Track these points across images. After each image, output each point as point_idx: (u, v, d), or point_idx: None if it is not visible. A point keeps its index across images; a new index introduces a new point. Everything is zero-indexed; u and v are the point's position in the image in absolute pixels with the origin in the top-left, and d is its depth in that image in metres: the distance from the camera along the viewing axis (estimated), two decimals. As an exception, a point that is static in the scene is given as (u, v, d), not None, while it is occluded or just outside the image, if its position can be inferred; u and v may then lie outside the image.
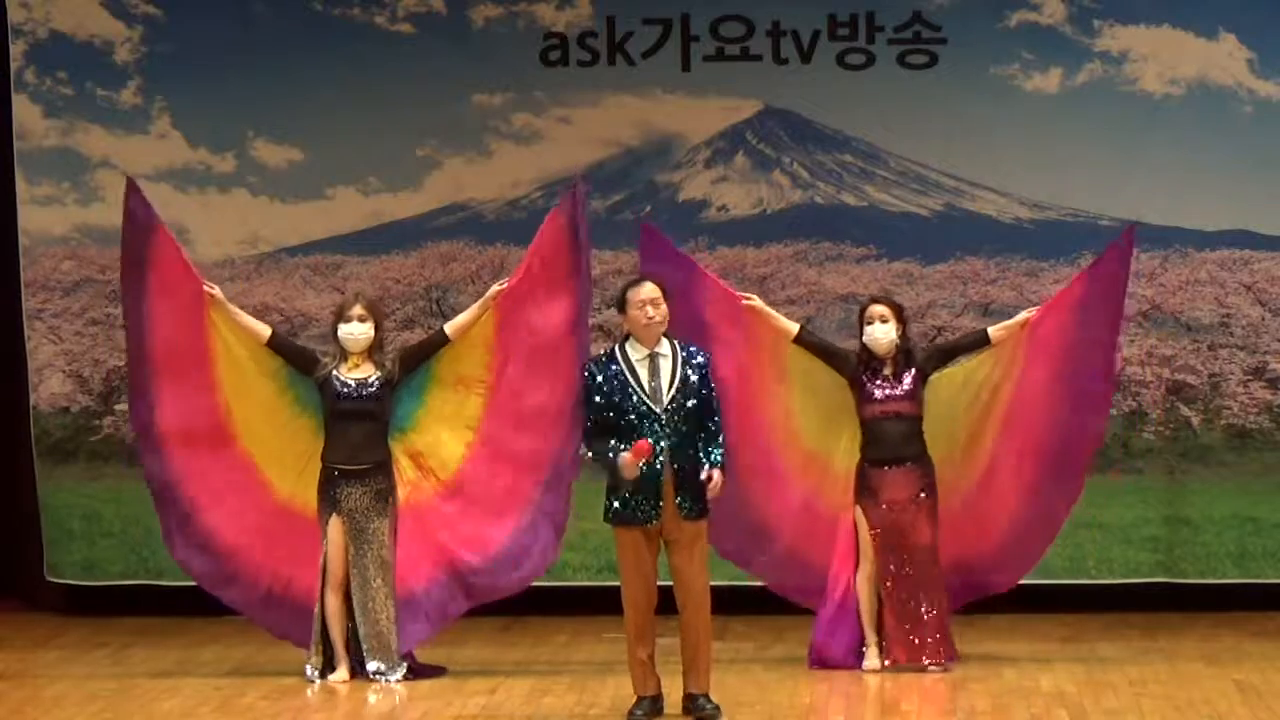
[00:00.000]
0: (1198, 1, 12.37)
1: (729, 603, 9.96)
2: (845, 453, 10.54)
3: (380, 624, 10.26)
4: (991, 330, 10.59)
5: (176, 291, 10.49)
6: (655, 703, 9.18)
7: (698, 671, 9.13)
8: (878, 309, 10.42)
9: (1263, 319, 12.41)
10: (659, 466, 8.97)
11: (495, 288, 10.51)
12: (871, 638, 10.35)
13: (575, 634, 11.53)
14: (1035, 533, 10.60)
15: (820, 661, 10.42)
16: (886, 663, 10.29)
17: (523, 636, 11.48)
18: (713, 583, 9.12)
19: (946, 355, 10.63)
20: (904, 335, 10.44)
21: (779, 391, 10.61)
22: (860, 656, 10.37)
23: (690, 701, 9.16)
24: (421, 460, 10.53)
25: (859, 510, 10.38)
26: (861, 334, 10.43)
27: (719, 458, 9.07)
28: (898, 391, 10.33)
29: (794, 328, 10.60)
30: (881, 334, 10.35)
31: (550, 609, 11.88)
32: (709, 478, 9.01)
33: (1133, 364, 12.36)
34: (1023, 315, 10.57)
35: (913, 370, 10.38)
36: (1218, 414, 12.40)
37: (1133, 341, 12.37)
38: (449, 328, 10.53)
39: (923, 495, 10.34)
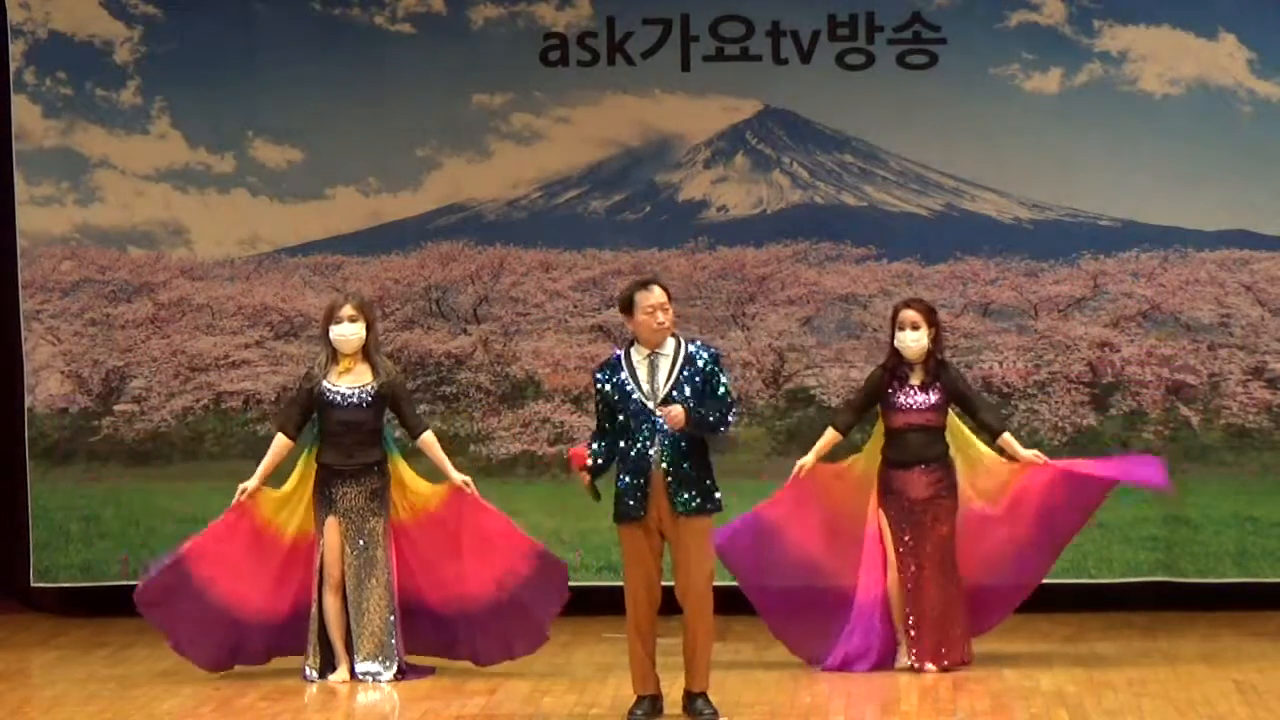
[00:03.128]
0: (1198, 2, 12.37)
1: (730, 603, 9.95)
2: (868, 456, 10.55)
3: (375, 624, 10.23)
4: (1004, 436, 10.43)
5: (239, 550, 10.34)
6: (655, 703, 9.18)
7: (697, 671, 9.12)
8: (909, 315, 10.35)
9: (1262, 319, 12.40)
10: (650, 462, 8.97)
11: (464, 483, 10.27)
12: (903, 637, 10.35)
13: (575, 634, 11.51)
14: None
15: (842, 664, 10.35)
16: (916, 665, 10.27)
17: (523, 637, 11.47)
18: (715, 583, 9.11)
19: (961, 399, 10.50)
20: (937, 340, 10.40)
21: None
22: (880, 658, 10.36)
23: (689, 702, 9.15)
24: None
25: (882, 514, 10.38)
26: (893, 337, 10.41)
27: (700, 412, 8.90)
28: (924, 403, 10.31)
29: (836, 434, 10.49)
30: (912, 341, 10.32)
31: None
32: (670, 411, 8.89)
33: (1132, 364, 12.37)
34: (1032, 454, 10.43)
35: (940, 385, 10.34)
36: (1217, 414, 12.40)
37: (1132, 341, 12.38)
38: (423, 438, 10.37)
39: (943, 495, 10.33)
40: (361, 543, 10.23)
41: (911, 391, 10.33)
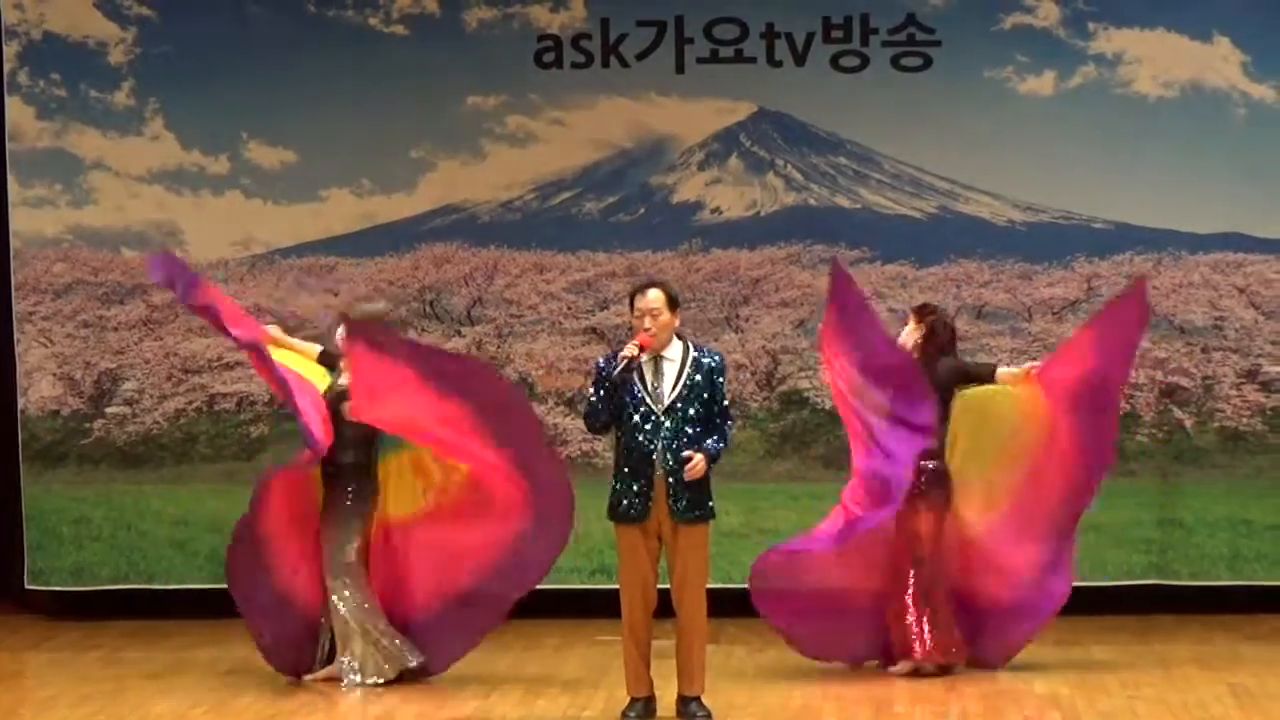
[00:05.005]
0: (1192, 4, 12.37)
1: (724, 606, 9.95)
2: None
3: (343, 625, 10.16)
4: (997, 372, 10.49)
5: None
6: (648, 704, 9.17)
7: (691, 674, 9.12)
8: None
9: (1256, 322, 12.41)
10: (653, 465, 8.96)
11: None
12: (903, 636, 10.31)
13: (568, 637, 11.52)
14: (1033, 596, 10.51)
15: (851, 662, 10.41)
16: (926, 665, 10.28)
17: (515, 640, 11.45)
18: (708, 585, 9.11)
19: (960, 376, 10.47)
20: (925, 341, 10.37)
21: None
22: (884, 656, 10.39)
23: (683, 705, 9.15)
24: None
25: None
26: None
27: (713, 447, 9.01)
28: None
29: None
30: (903, 336, 10.39)
31: (543, 612, 11.85)
32: (689, 458, 8.94)
33: (1126, 366, 12.37)
34: (1027, 366, 10.49)
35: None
36: (1211, 416, 12.40)
37: (1127, 343, 12.38)
38: None
39: (921, 492, 10.23)
40: (333, 542, 10.16)
41: None
